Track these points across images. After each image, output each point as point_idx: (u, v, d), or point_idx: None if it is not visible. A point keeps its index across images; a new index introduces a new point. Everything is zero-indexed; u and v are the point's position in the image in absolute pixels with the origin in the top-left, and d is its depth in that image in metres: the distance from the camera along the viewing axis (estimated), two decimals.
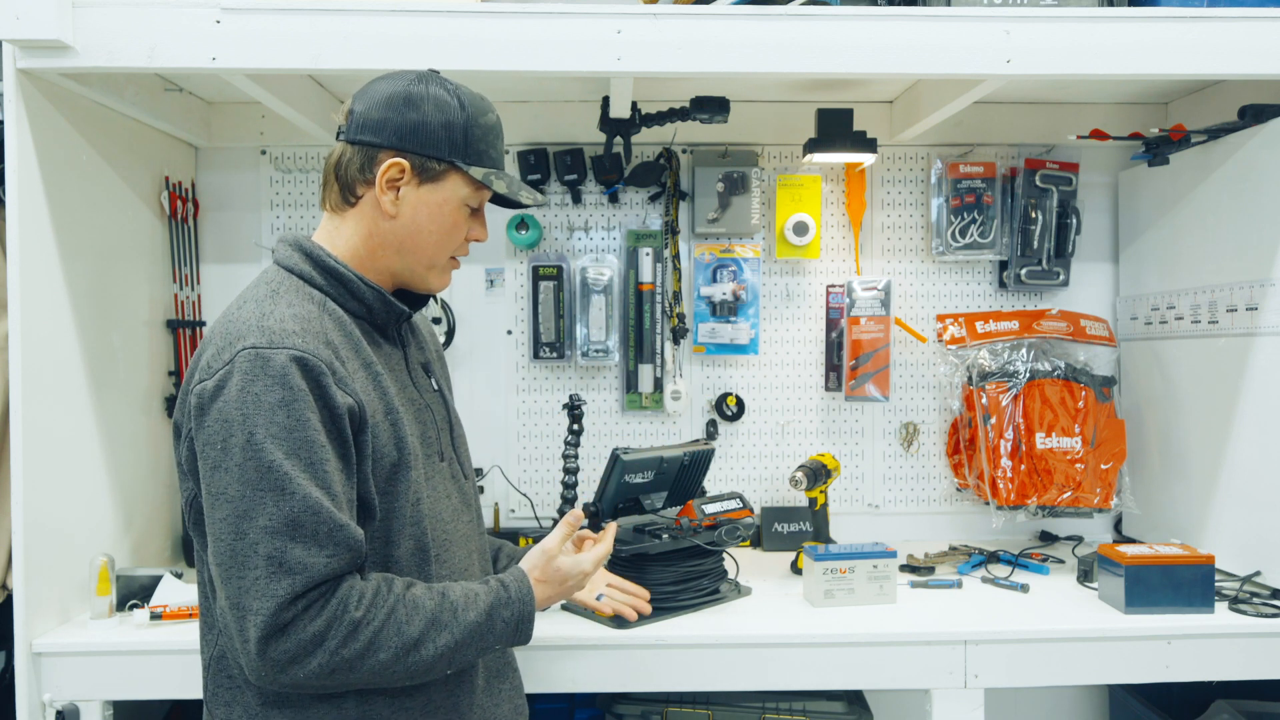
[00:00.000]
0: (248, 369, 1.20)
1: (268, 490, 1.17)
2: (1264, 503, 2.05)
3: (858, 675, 1.84)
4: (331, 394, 1.22)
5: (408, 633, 1.23)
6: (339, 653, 1.19)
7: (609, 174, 2.53)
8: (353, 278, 1.36)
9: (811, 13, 1.86)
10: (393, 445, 1.31)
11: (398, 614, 1.23)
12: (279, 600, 1.16)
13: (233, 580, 1.18)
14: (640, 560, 1.94)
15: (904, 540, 2.54)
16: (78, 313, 1.95)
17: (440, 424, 1.45)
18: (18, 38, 1.72)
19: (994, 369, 2.44)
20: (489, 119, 1.40)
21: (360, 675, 1.22)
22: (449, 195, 1.37)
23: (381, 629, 1.21)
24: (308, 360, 1.22)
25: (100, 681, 1.79)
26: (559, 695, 2.03)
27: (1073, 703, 2.66)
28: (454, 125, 1.35)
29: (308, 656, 1.18)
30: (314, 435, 1.20)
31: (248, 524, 1.17)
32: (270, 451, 1.18)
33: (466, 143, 1.36)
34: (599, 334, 2.56)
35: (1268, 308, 2.03)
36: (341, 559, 1.20)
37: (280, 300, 1.29)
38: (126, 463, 2.13)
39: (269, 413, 1.19)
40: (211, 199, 2.55)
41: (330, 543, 1.19)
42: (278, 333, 1.23)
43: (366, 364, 1.33)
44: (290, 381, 1.20)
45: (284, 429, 1.19)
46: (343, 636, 1.19)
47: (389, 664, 1.22)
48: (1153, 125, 2.30)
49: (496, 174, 1.40)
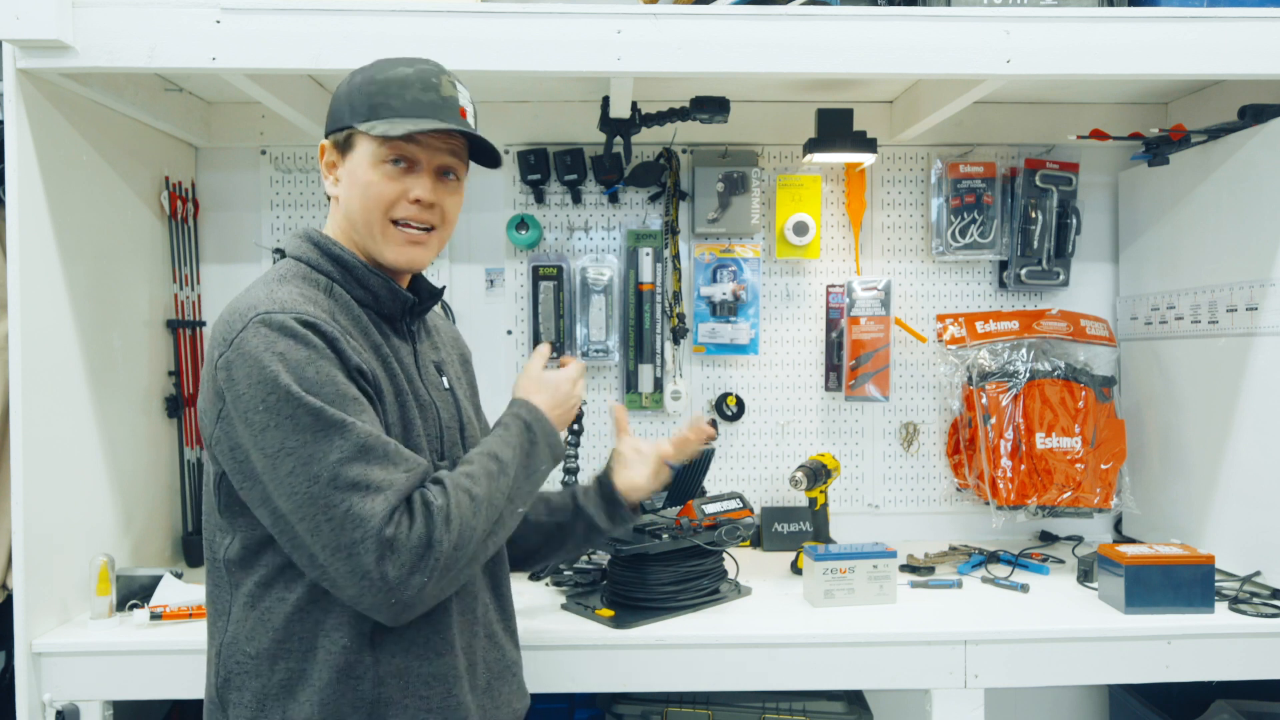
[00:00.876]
0: (263, 334, 1.21)
1: (326, 429, 1.19)
2: (1264, 503, 2.05)
3: (858, 675, 1.84)
4: (347, 355, 1.25)
5: (478, 493, 1.28)
6: (446, 541, 1.21)
7: (609, 174, 2.53)
8: (358, 264, 1.37)
9: (811, 13, 1.86)
10: (400, 429, 1.33)
11: (459, 485, 1.27)
12: (380, 517, 1.18)
13: (322, 526, 1.18)
14: (640, 560, 1.94)
15: (904, 540, 2.54)
16: (78, 313, 1.95)
17: (447, 423, 1.44)
18: (18, 38, 1.72)
19: (994, 369, 2.44)
20: (395, 72, 1.37)
21: (468, 554, 1.26)
22: (360, 158, 1.36)
23: (460, 504, 1.25)
24: (319, 324, 1.24)
25: (100, 681, 1.79)
26: (559, 695, 2.03)
27: (1073, 703, 2.66)
28: (353, 91, 1.37)
29: (424, 562, 1.20)
30: (344, 388, 1.23)
31: (319, 466, 1.18)
32: (311, 400, 1.19)
33: (364, 102, 1.36)
34: (599, 334, 2.56)
35: (1268, 308, 2.03)
36: (416, 472, 1.24)
37: (286, 283, 1.32)
38: (126, 463, 2.13)
39: (298, 368, 1.20)
40: (211, 199, 2.55)
41: (401, 459, 1.23)
42: (283, 303, 1.25)
43: (375, 346, 1.34)
44: (308, 340, 1.22)
45: (316, 382, 1.21)
46: (441, 526, 1.22)
47: (480, 528, 1.27)
48: (1153, 125, 2.30)
49: (390, 121, 1.33)
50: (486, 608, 1.45)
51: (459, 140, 1.39)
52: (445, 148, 1.38)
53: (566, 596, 2.04)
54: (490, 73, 1.82)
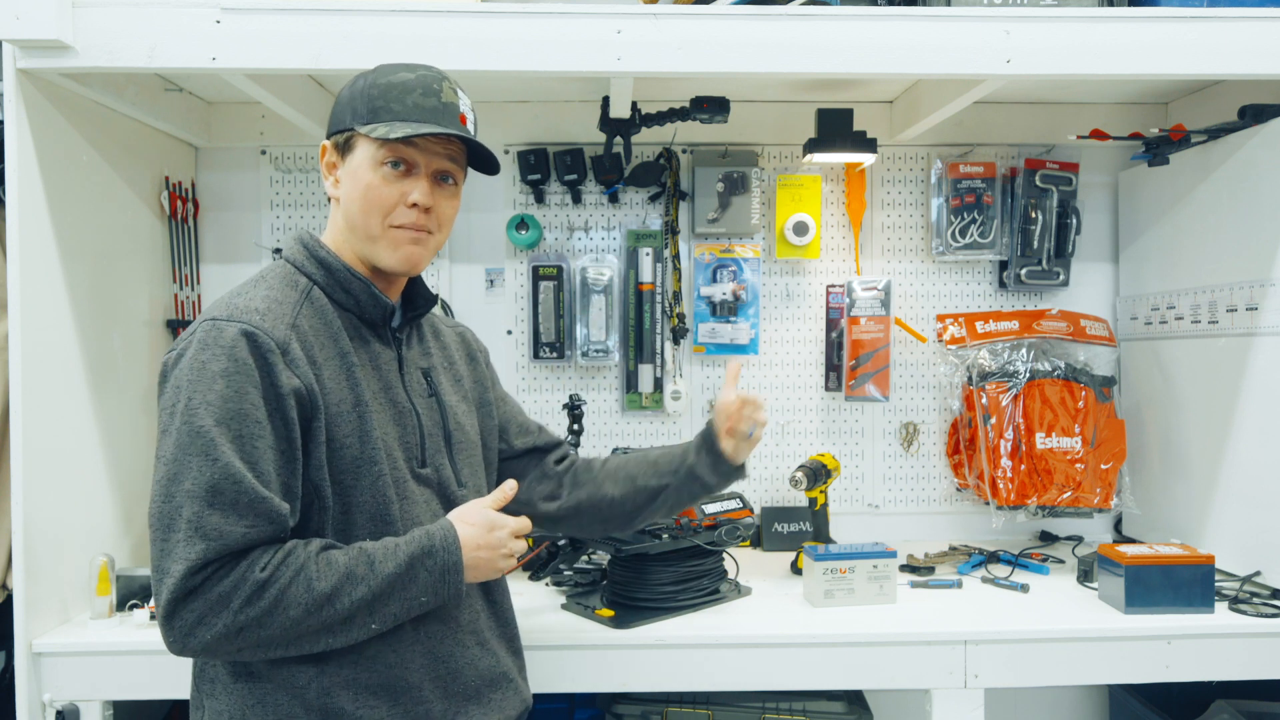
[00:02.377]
0: (201, 338, 1.25)
1: (195, 454, 1.20)
2: (1264, 503, 2.05)
3: (858, 675, 1.84)
4: (277, 373, 1.25)
5: (318, 589, 1.22)
6: (244, 612, 1.19)
7: (609, 174, 2.53)
8: (340, 267, 1.38)
9: (811, 13, 1.86)
10: (356, 438, 1.32)
11: (307, 570, 1.22)
12: (190, 564, 1.17)
13: (156, 542, 1.21)
14: (640, 560, 1.94)
15: (904, 540, 2.54)
16: (78, 313, 1.95)
17: (429, 431, 1.42)
18: (18, 38, 1.72)
19: (994, 369, 2.44)
20: (397, 78, 1.37)
21: (271, 633, 1.21)
22: (360, 160, 1.37)
23: (289, 586, 1.21)
24: (257, 336, 1.25)
25: (100, 681, 1.79)
26: (559, 695, 2.03)
27: (1073, 703, 2.66)
28: (355, 95, 1.37)
29: (214, 617, 1.19)
30: (249, 409, 1.22)
31: (175, 487, 1.20)
32: (202, 417, 1.21)
33: (365, 106, 1.36)
34: (599, 334, 2.56)
35: (1268, 308, 2.03)
36: (261, 530, 1.21)
37: (261, 285, 1.34)
38: (126, 463, 2.13)
39: (209, 380, 1.22)
40: (211, 199, 2.55)
41: (250, 513, 1.21)
42: (240, 309, 1.27)
43: (342, 353, 1.34)
44: (235, 354, 1.23)
45: (220, 397, 1.21)
46: (246, 596, 1.19)
47: (300, 620, 1.22)
48: (1153, 125, 2.30)
49: (390, 124, 1.34)
50: (477, 614, 1.44)
51: (457, 145, 1.40)
52: (444, 152, 1.39)
53: (566, 596, 2.04)
54: (490, 73, 1.82)
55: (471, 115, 1.43)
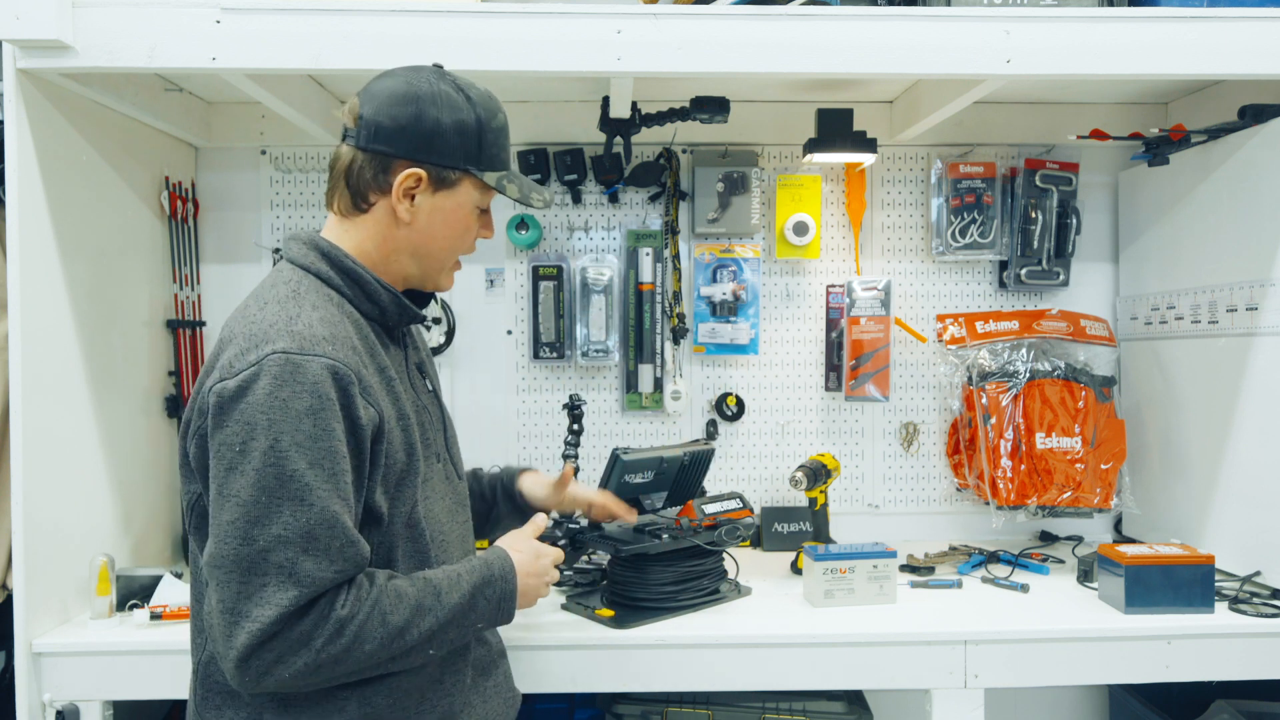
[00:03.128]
0: (278, 373, 1.18)
1: (286, 499, 1.17)
2: (1264, 503, 2.05)
3: (858, 675, 1.84)
4: (356, 406, 1.23)
5: (392, 622, 1.23)
6: (325, 650, 1.19)
7: (609, 174, 2.53)
8: (370, 280, 1.35)
9: (811, 13, 1.86)
10: (403, 451, 1.32)
11: (381, 604, 1.23)
12: (283, 609, 1.16)
13: (233, 584, 1.17)
14: (640, 560, 1.94)
15: (904, 540, 2.54)
16: (78, 313, 1.95)
17: (436, 424, 1.46)
18: (18, 38, 1.72)
19: (994, 369, 2.44)
20: (499, 120, 1.40)
21: (347, 668, 1.22)
22: (462, 201, 1.37)
23: (366, 621, 1.21)
24: (339, 370, 1.21)
25: (100, 681, 1.79)
26: (559, 695, 2.03)
27: (1073, 703, 2.66)
28: (468, 132, 1.34)
29: (294, 657, 1.18)
30: (338, 445, 1.20)
31: (259, 530, 1.16)
32: (294, 460, 1.17)
33: (480, 148, 1.35)
34: (599, 334, 2.56)
35: (1268, 308, 2.03)
36: (347, 574, 1.21)
37: (304, 302, 1.28)
38: (126, 463, 2.13)
39: (295, 420, 1.17)
40: (211, 199, 2.55)
41: (341, 558, 1.20)
42: (309, 338, 1.22)
43: (381, 369, 1.33)
44: (321, 390, 1.19)
45: (310, 437, 1.18)
46: (329, 635, 1.19)
47: (375, 653, 1.23)
48: (1153, 125, 2.30)
49: (509, 178, 1.41)
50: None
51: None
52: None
53: (566, 596, 2.04)
54: (490, 73, 1.81)
55: None
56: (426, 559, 1.35)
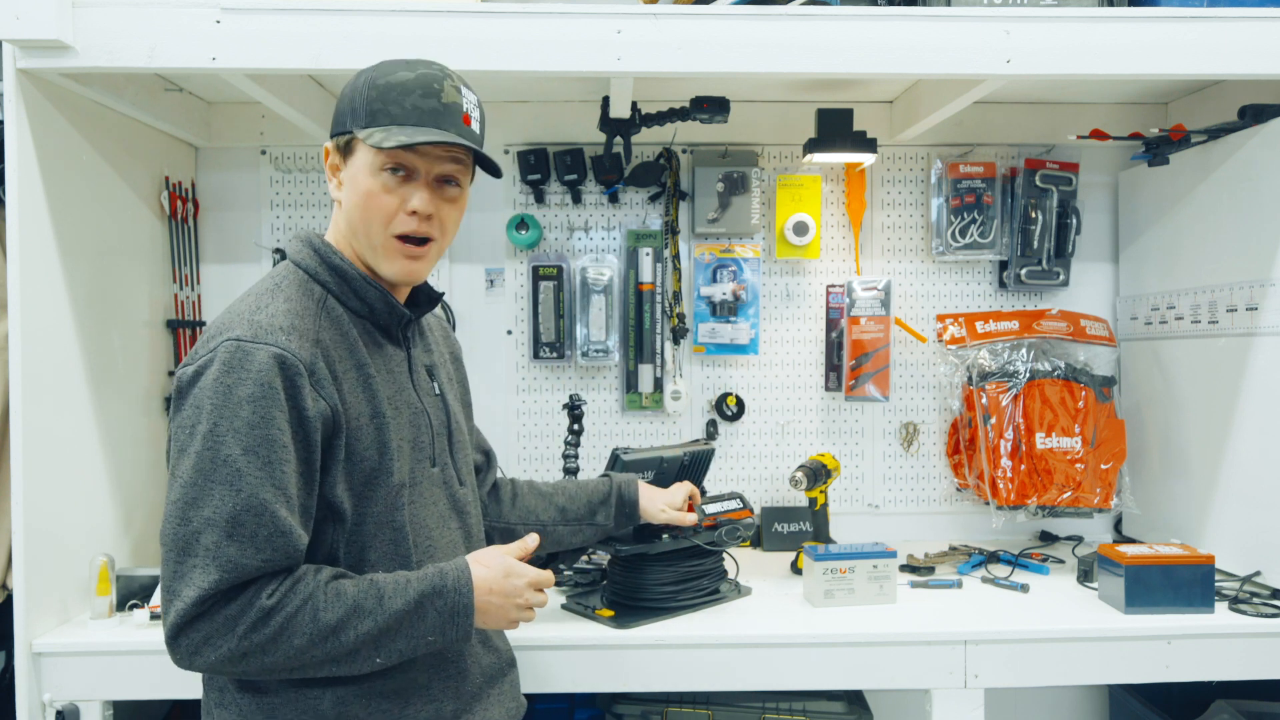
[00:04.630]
0: (226, 359, 1.21)
1: (217, 483, 1.18)
2: (1264, 503, 2.05)
3: (858, 675, 1.84)
4: (303, 397, 1.23)
5: (324, 619, 1.21)
6: (249, 637, 1.19)
7: (609, 174, 2.53)
8: (356, 275, 1.35)
9: (811, 13, 1.86)
10: (375, 449, 1.30)
11: (315, 601, 1.22)
12: (203, 591, 1.17)
13: (170, 563, 1.19)
14: (640, 560, 1.94)
15: (904, 540, 2.54)
16: (78, 313, 1.95)
17: (438, 429, 1.43)
18: (18, 38, 1.72)
19: (994, 369, 2.44)
20: (396, 78, 1.31)
21: (275, 659, 1.21)
22: (359, 165, 1.33)
23: (296, 615, 1.20)
24: (286, 359, 1.22)
25: (100, 681, 1.79)
26: (559, 695, 2.03)
27: (1073, 703, 2.66)
28: (356, 94, 1.33)
29: (219, 639, 1.18)
30: (277, 434, 1.20)
31: (194, 511, 1.18)
32: (229, 445, 1.19)
33: (364, 107, 1.31)
34: (599, 334, 2.56)
35: (1268, 308, 2.03)
36: (276, 563, 1.21)
37: (279, 295, 1.30)
38: (126, 463, 2.13)
39: (236, 406, 1.19)
40: (211, 199, 2.55)
41: (269, 547, 1.19)
42: (265, 327, 1.23)
43: (359, 365, 1.32)
44: (264, 378, 1.20)
45: (247, 424, 1.19)
46: (251, 622, 1.19)
47: (305, 649, 1.21)
48: (1153, 125, 2.30)
49: (388, 130, 1.29)
50: None
51: (461, 147, 1.35)
52: (446, 156, 1.34)
53: (566, 596, 2.04)
54: (490, 73, 1.81)
55: (478, 113, 1.38)
56: (407, 564, 1.33)
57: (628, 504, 1.80)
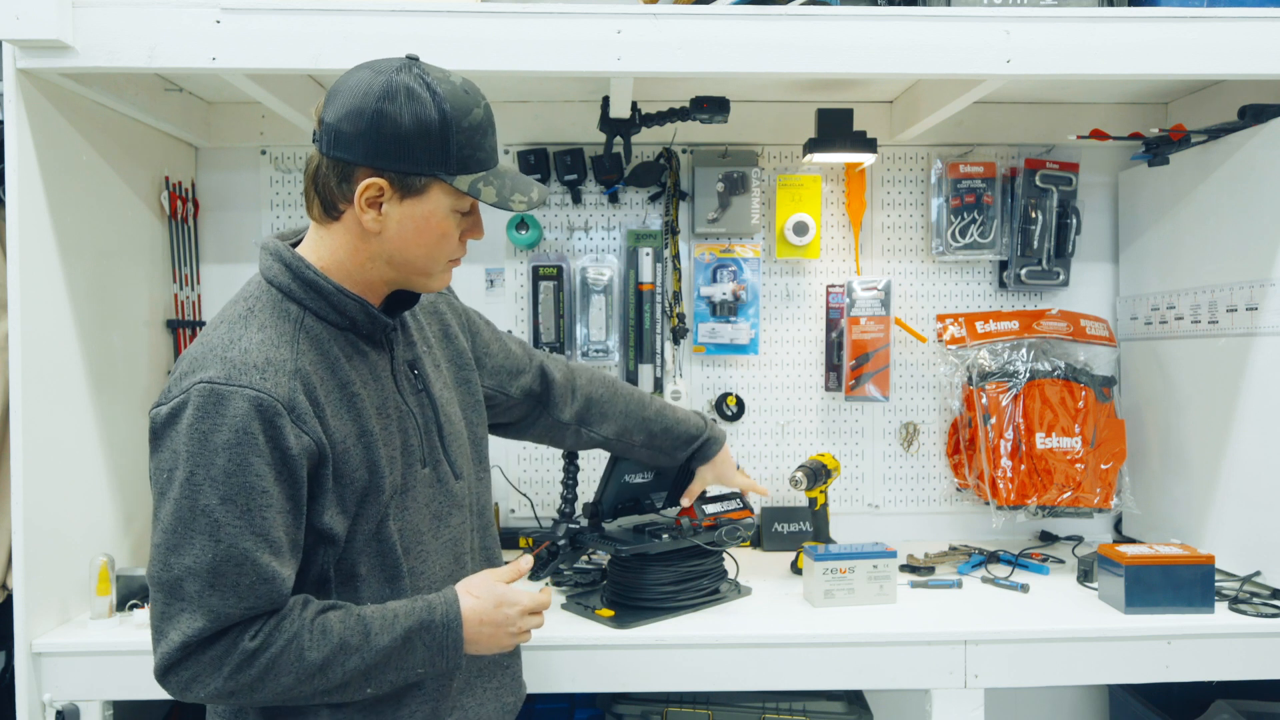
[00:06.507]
0: (200, 404, 1.18)
1: (196, 533, 1.18)
2: (1264, 503, 2.05)
3: (858, 675, 1.84)
4: (285, 437, 1.20)
5: (310, 658, 1.22)
6: (235, 678, 1.20)
7: (609, 174, 2.53)
8: (333, 290, 1.29)
9: (811, 13, 1.86)
10: (364, 469, 1.29)
11: (300, 640, 1.22)
12: (188, 637, 1.18)
13: (158, 604, 1.21)
14: (640, 560, 1.94)
15: (904, 540, 2.54)
16: (78, 313, 1.95)
17: (426, 427, 1.39)
18: (18, 38, 1.72)
19: (994, 369, 2.44)
20: (473, 117, 1.26)
21: (264, 696, 1.23)
22: (434, 207, 1.27)
23: (280, 655, 1.21)
24: (263, 401, 1.19)
25: (100, 681, 1.79)
26: (559, 695, 2.03)
27: (1073, 703, 2.66)
28: (431, 133, 1.23)
29: (208, 679, 1.20)
30: (255, 481, 1.18)
31: (175, 558, 1.19)
32: (206, 494, 1.17)
33: (447, 151, 1.24)
34: (599, 334, 2.56)
35: (1268, 308, 2.03)
36: (259, 609, 1.21)
37: (252, 323, 1.25)
38: (126, 463, 2.13)
39: (212, 454, 1.17)
40: (211, 199, 2.55)
41: (252, 595, 1.20)
42: (239, 366, 1.20)
43: (342, 385, 1.29)
44: (240, 424, 1.18)
45: (224, 473, 1.17)
46: (236, 664, 1.20)
47: (292, 686, 1.23)
48: (1153, 125, 2.30)
49: (485, 179, 1.28)
50: None
51: None
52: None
53: (566, 596, 2.04)
54: (490, 73, 1.81)
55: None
56: (398, 572, 1.33)
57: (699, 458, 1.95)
